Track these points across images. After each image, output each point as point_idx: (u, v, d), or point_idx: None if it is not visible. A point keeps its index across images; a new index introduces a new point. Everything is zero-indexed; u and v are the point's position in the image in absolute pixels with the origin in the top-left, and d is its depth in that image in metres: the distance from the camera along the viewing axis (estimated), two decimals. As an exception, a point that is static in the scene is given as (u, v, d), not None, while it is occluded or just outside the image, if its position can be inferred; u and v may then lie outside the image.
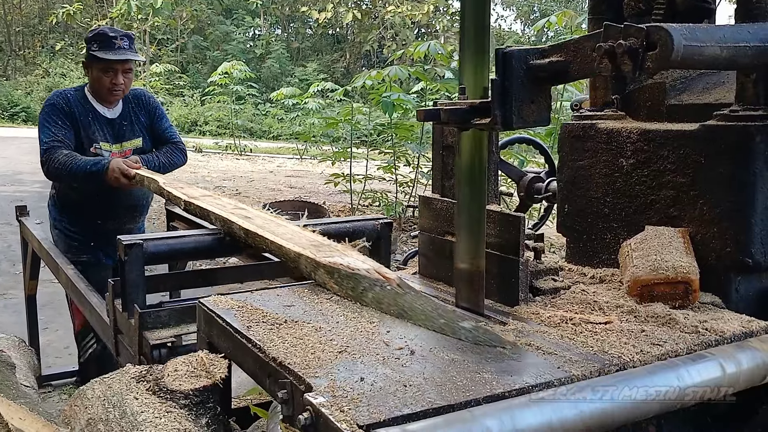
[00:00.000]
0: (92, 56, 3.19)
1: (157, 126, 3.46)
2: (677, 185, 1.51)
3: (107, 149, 3.27)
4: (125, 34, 3.27)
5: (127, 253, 1.89)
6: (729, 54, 1.16)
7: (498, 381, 1.07)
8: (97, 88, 3.25)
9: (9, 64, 27.74)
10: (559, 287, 1.51)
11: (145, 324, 1.86)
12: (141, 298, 1.92)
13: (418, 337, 1.26)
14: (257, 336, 1.24)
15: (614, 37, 1.12)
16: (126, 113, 3.36)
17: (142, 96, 3.49)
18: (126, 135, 3.36)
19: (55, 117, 3.19)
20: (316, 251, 1.55)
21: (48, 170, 3.13)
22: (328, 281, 1.47)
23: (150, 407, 1.19)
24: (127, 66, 3.23)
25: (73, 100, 3.24)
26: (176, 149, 3.48)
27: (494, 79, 1.23)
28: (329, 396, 1.00)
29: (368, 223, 2.19)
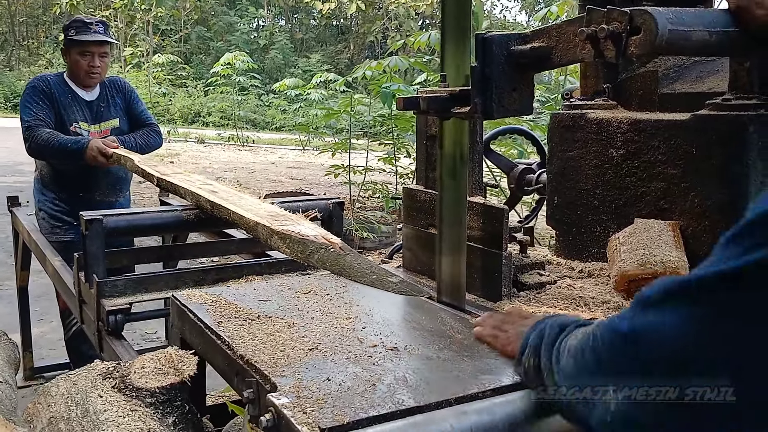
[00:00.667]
0: (70, 41, 3.36)
1: (133, 109, 3.64)
2: (668, 177, 1.46)
3: (86, 129, 3.43)
4: (100, 20, 3.50)
5: (88, 228, 2.03)
6: (719, 39, 1.10)
7: (473, 381, 1.03)
8: (75, 72, 3.40)
9: (13, 55, 27.73)
10: (545, 282, 1.46)
11: (102, 292, 1.98)
12: (101, 270, 2.04)
13: (394, 334, 1.21)
14: (227, 332, 1.20)
15: (597, 22, 1.06)
16: (103, 95, 3.54)
17: (117, 81, 3.71)
18: (103, 116, 3.53)
19: (36, 98, 3.35)
20: (272, 220, 1.68)
21: (30, 146, 3.29)
22: (282, 246, 1.59)
23: (114, 405, 1.15)
24: (103, 50, 3.41)
25: (53, 83, 3.41)
26: (152, 131, 3.65)
27: (474, 66, 1.18)
28: (293, 396, 0.96)
29: (320, 202, 2.28)
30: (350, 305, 1.36)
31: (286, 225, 1.62)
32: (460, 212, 1.32)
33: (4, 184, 10.25)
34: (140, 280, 2.04)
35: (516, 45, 1.18)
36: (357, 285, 1.45)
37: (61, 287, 2.63)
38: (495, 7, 29.14)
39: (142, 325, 4.55)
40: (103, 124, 3.54)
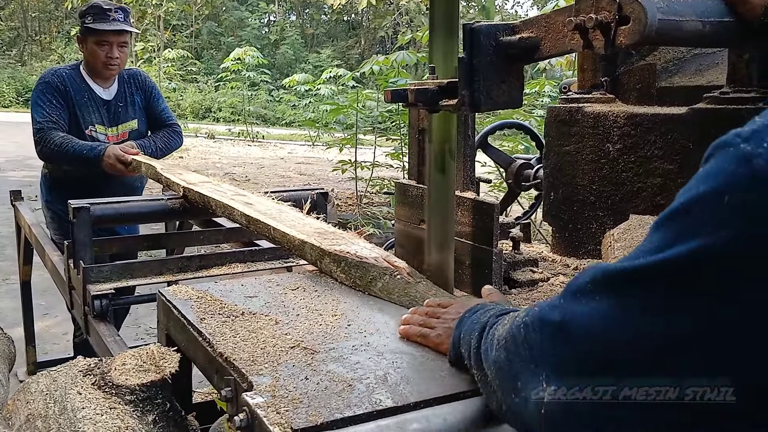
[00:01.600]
0: (86, 29, 3.08)
1: (154, 107, 3.36)
2: (665, 172, 1.43)
3: (102, 132, 3.18)
4: (120, 6, 3.14)
5: (75, 216, 2.07)
6: (714, 30, 1.07)
7: (454, 380, 1.00)
8: (92, 63, 3.13)
9: (25, 50, 27.90)
10: (537, 279, 1.43)
11: (88, 278, 2.02)
12: (88, 256, 2.10)
13: (378, 331, 1.19)
14: (208, 329, 1.18)
15: (586, 11, 1.03)
16: (122, 94, 3.25)
17: (138, 75, 3.38)
18: (121, 117, 3.25)
19: (49, 96, 3.07)
20: (321, 239, 1.52)
21: (42, 151, 3.05)
22: (335, 270, 1.43)
23: (92, 403, 1.13)
24: (122, 39, 3.12)
25: (68, 79, 3.12)
26: (173, 132, 3.38)
27: (461, 57, 1.15)
28: (268, 396, 0.93)
29: (305, 192, 2.33)
30: (338, 302, 1.33)
31: (338, 245, 1.47)
32: (448, 207, 1.29)
33: (14, 179, 10.33)
34: (126, 266, 2.10)
35: (504, 36, 1.15)
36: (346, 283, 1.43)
37: (59, 281, 2.63)
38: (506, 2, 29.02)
39: (148, 320, 4.56)
40: (121, 126, 3.26)
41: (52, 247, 2.96)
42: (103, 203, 2.17)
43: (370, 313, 1.27)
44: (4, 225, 6.98)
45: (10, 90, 23.43)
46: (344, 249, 1.43)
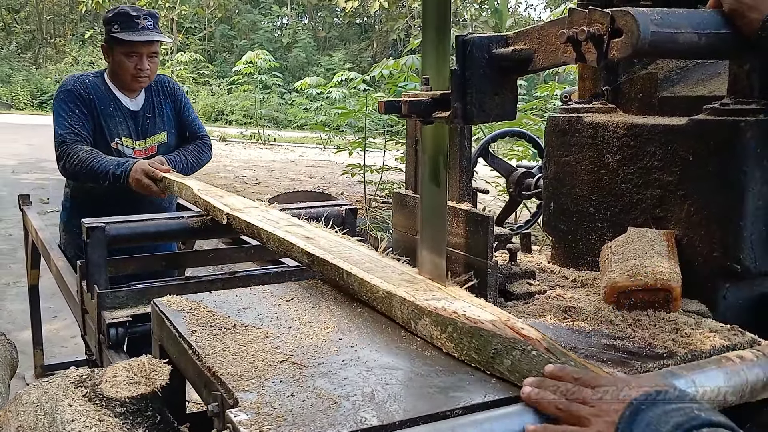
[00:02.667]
0: (113, 38, 2.79)
1: (184, 118, 3.08)
2: (664, 184, 1.40)
3: (129, 146, 2.90)
4: (149, 13, 2.86)
5: (89, 236, 1.94)
6: (709, 42, 1.05)
7: (443, 398, 0.99)
8: (119, 74, 2.85)
9: (40, 53, 28.15)
10: (534, 291, 1.41)
11: (103, 304, 1.91)
12: (102, 279, 1.96)
13: (369, 346, 1.17)
14: (198, 342, 1.17)
15: (578, 23, 1.02)
16: (150, 104, 2.97)
17: (166, 83, 3.08)
18: (150, 129, 2.96)
19: (72, 105, 2.79)
20: (411, 289, 1.23)
21: (64, 167, 2.76)
22: (439, 336, 1.12)
23: (82, 415, 1.13)
24: (153, 49, 2.85)
25: (92, 87, 2.84)
26: (203, 145, 3.09)
27: (454, 69, 1.14)
28: (253, 413, 0.92)
29: (333, 208, 2.18)
30: (331, 314, 1.32)
31: (436, 299, 1.17)
32: (440, 218, 1.28)
33: (27, 181, 10.42)
34: (143, 291, 1.98)
35: (497, 48, 1.14)
36: (342, 293, 1.41)
37: (64, 290, 2.62)
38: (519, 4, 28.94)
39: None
40: (149, 139, 2.96)
41: (58, 252, 2.97)
42: (118, 222, 2.02)
43: (363, 326, 1.26)
44: (16, 227, 7.05)
45: (25, 92, 23.67)
46: (447, 307, 1.12)
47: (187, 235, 2.21)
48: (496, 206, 5.85)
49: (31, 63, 27.23)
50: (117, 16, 2.80)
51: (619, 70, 1.66)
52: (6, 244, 7.19)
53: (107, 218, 2.04)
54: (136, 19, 2.78)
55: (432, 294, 1.21)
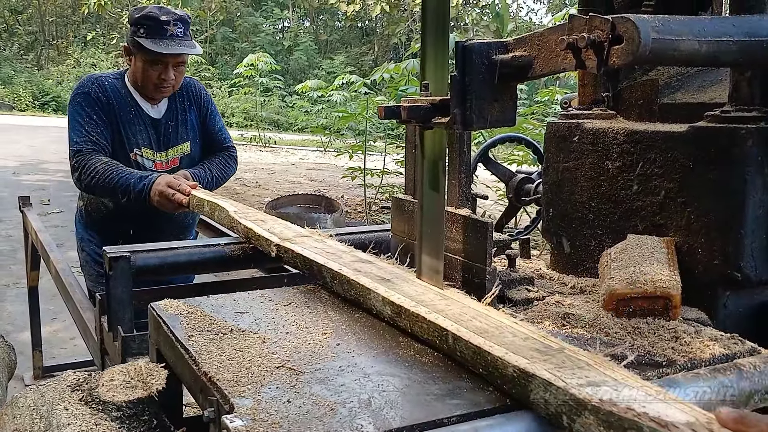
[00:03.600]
0: (138, 43, 2.51)
1: (209, 126, 2.79)
2: (664, 191, 1.40)
3: (149, 157, 2.64)
4: (180, 17, 2.53)
5: (112, 267, 1.70)
6: (710, 49, 1.05)
7: (440, 405, 0.98)
8: (140, 81, 2.58)
9: (42, 54, 28.19)
10: (533, 298, 1.41)
11: (128, 349, 1.67)
12: (127, 317, 1.73)
13: (368, 351, 1.17)
14: (195, 347, 1.16)
15: (579, 30, 1.01)
16: (173, 111, 2.69)
17: (192, 87, 2.78)
18: (172, 139, 2.69)
19: (89, 110, 2.51)
20: (553, 366, 0.93)
21: (80, 180, 2.48)
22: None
23: (78, 419, 1.13)
24: (180, 59, 2.56)
25: (111, 90, 2.58)
26: (229, 158, 2.80)
27: (453, 75, 1.14)
28: (248, 419, 0.92)
29: (371, 234, 1.97)
30: (329, 319, 1.32)
31: (594, 385, 0.86)
32: (438, 223, 1.28)
33: (28, 182, 10.42)
34: None
35: (497, 54, 1.13)
36: (340, 299, 1.41)
37: (66, 298, 2.58)
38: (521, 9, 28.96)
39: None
40: (172, 150, 2.69)
41: (58, 254, 2.96)
42: (145, 251, 1.80)
43: (360, 332, 1.25)
44: (17, 229, 7.05)
45: (26, 94, 23.70)
46: (616, 397, 0.81)
47: (224, 265, 1.97)
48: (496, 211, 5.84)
49: (33, 64, 27.26)
50: (144, 18, 2.50)
51: (620, 76, 1.66)
52: (6, 245, 7.20)
53: (132, 246, 1.82)
54: (165, 25, 2.48)
55: (583, 373, 0.90)
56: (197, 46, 2.59)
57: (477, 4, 23.50)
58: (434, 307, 1.17)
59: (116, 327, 1.70)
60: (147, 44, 2.46)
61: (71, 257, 6.13)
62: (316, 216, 6.32)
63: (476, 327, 1.08)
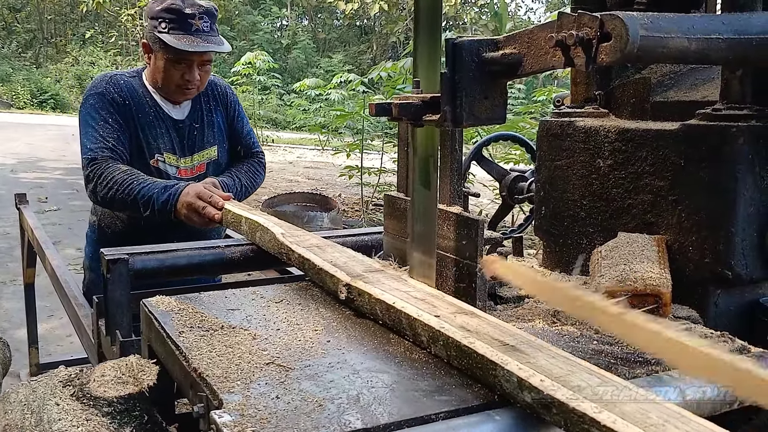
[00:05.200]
0: (159, 39, 2.25)
1: (236, 129, 2.55)
2: (655, 189, 1.40)
3: (173, 163, 2.39)
4: (206, 10, 2.28)
5: (109, 270, 1.67)
6: (699, 47, 1.05)
7: (428, 401, 0.98)
8: (161, 82, 2.35)
9: (41, 52, 28.18)
10: (523, 296, 1.41)
11: (127, 354, 1.57)
12: (125, 322, 1.70)
13: (358, 348, 1.17)
14: (186, 343, 1.17)
15: (568, 27, 1.01)
16: (197, 112, 2.44)
17: (218, 86, 2.54)
18: (197, 143, 2.43)
19: (103, 113, 2.27)
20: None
21: (95, 192, 2.22)
22: None
23: (69, 414, 1.13)
24: (206, 57, 2.31)
25: (128, 89, 2.34)
26: (258, 165, 2.56)
27: (443, 72, 1.14)
28: (237, 415, 0.92)
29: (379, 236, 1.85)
30: (320, 316, 1.32)
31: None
32: (430, 221, 1.28)
33: (25, 180, 10.43)
34: None
35: (487, 51, 1.13)
36: (332, 295, 1.40)
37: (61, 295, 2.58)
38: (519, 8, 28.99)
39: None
40: (197, 155, 2.44)
41: (54, 251, 2.96)
42: (144, 253, 1.76)
43: (351, 329, 1.25)
44: (14, 226, 7.05)
45: (25, 92, 23.69)
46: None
47: (225, 268, 1.90)
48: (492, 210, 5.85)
49: (32, 62, 27.24)
50: (166, 11, 2.25)
51: (612, 74, 1.66)
52: (3, 242, 7.20)
53: (130, 248, 1.76)
54: (189, 18, 2.23)
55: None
56: (225, 42, 2.34)
57: (475, 3, 23.51)
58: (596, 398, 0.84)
59: (114, 331, 1.67)
60: (169, 41, 2.22)
61: (68, 255, 6.15)
62: (313, 214, 6.33)
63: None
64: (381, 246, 1.65)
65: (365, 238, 1.98)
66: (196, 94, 2.40)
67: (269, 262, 1.84)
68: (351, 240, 1.92)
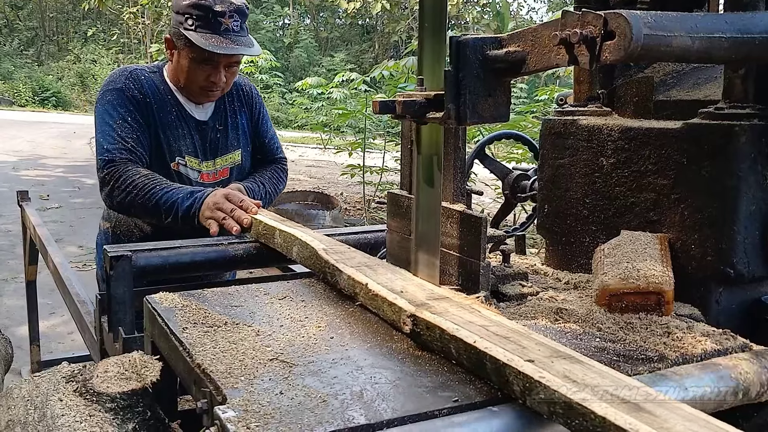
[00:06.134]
0: (184, 36, 2.10)
1: (260, 133, 2.42)
2: (658, 187, 1.41)
3: (195, 167, 2.25)
4: (237, 8, 2.11)
5: (112, 267, 1.66)
6: (702, 46, 1.05)
7: (431, 398, 0.99)
8: (183, 81, 2.20)
9: (42, 50, 28.19)
10: (527, 293, 1.41)
11: (130, 352, 1.57)
12: (128, 319, 1.69)
13: (361, 344, 1.18)
14: (189, 339, 1.17)
15: (572, 25, 1.02)
16: (221, 113, 2.31)
17: (243, 86, 2.40)
18: (221, 146, 2.30)
19: (122, 110, 2.11)
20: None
21: (112, 196, 2.07)
22: None
23: (72, 410, 1.13)
24: (234, 59, 2.17)
25: (148, 86, 2.18)
26: (282, 171, 2.44)
27: (447, 70, 1.14)
28: (241, 410, 0.92)
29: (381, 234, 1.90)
30: (324, 313, 1.32)
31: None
32: (434, 218, 1.29)
33: (27, 178, 10.44)
34: None
35: (491, 49, 1.14)
36: (335, 292, 1.41)
37: (64, 292, 2.59)
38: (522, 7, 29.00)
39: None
40: (221, 159, 2.31)
41: (56, 248, 2.97)
42: (147, 250, 1.74)
43: (354, 325, 1.26)
44: (16, 223, 7.06)
45: (26, 89, 23.72)
46: None
47: (228, 265, 1.87)
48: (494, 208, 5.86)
49: (34, 60, 27.26)
50: (195, 7, 2.08)
51: (615, 73, 1.67)
52: (5, 240, 7.20)
53: (133, 245, 1.74)
54: (220, 16, 2.08)
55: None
56: (255, 43, 2.19)
57: (478, 2, 23.50)
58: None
59: (117, 328, 1.66)
60: (196, 39, 2.06)
61: (69, 252, 6.16)
62: (315, 213, 6.33)
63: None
64: (384, 244, 1.65)
65: (368, 236, 1.98)
66: (220, 96, 2.27)
67: (273, 259, 1.83)
68: (353, 238, 1.92)
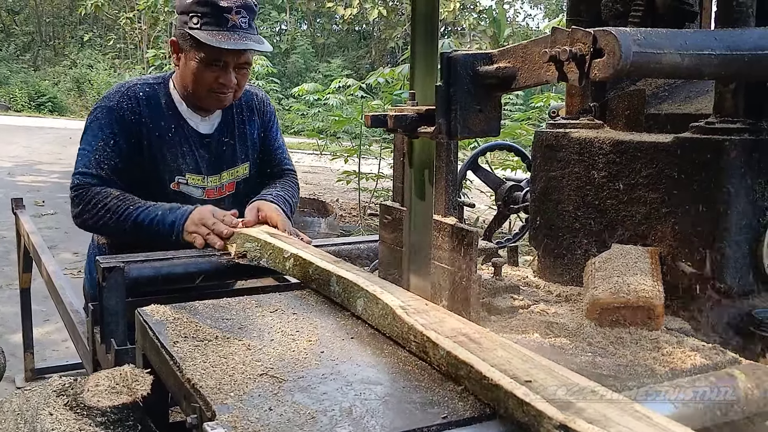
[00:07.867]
0: (189, 36, 1.99)
1: (269, 144, 2.28)
2: (649, 201, 1.41)
3: (198, 184, 2.13)
4: (244, 4, 2.00)
5: (105, 278, 1.66)
6: (691, 63, 1.06)
7: (420, 414, 0.99)
8: (191, 86, 2.05)
9: (39, 55, 28.18)
10: (518, 306, 1.41)
11: (122, 363, 1.55)
12: (120, 330, 1.69)
13: (351, 359, 1.18)
14: (180, 353, 1.17)
15: (561, 42, 1.02)
16: (229, 124, 2.18)
17: (254, 96, 2.26)
18: (227, 160, 2.18)
19: (108, 131, 2.02)
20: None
21: (81, 217, 2.01)
22: None
23: (63, 424, 1.13)
24: (244, 58, 2.03)
25: (145, 103, 2.06)
26: (293, 184, 2.28)
27: (438, 85, 1.15)
28: (230, 427, 0.92)
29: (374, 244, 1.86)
30: (315, 327, 1.32)
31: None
32: (425, 231, 1.29)
33: (22, 184, 10.41)
34: None
35: (482, 65, 1.14)
36: (327, 303, 1.41)
37: (57, 300, 2.58)
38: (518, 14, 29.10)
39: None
40: (226, 173, 2.18)
41: (49, 256, 2.96)
42: (139, 261, 1.74)
43: (346, 339, 1.26)
44: (10, 230, 7.04)
45: (22, 94, 23.68)
46: None
47: (222, 276, 1.86)
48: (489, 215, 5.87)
49: (30, 65, 27.25)
50: (199, 4, 1.97)
51: (607, 86, 1.67)
52: (0, 246, 7.17)
53: (126, 256, 1.72)
54: (226, 12, 1.96)
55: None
56: (265, 41, 2.07)
57: (474, 9, 23.55)
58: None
59: (109, 340, 1.66)
60: (202, 37, 1.95)
61: (64, 259, 6.14)
62: (310, 220, 6.33)
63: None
64: (377, 255, 1.65)
65: (361, 246, 1.99)
66: (231, 101, 2.11)
67: (266, 270, 1.81)
68: (346, 249, 1.93)
